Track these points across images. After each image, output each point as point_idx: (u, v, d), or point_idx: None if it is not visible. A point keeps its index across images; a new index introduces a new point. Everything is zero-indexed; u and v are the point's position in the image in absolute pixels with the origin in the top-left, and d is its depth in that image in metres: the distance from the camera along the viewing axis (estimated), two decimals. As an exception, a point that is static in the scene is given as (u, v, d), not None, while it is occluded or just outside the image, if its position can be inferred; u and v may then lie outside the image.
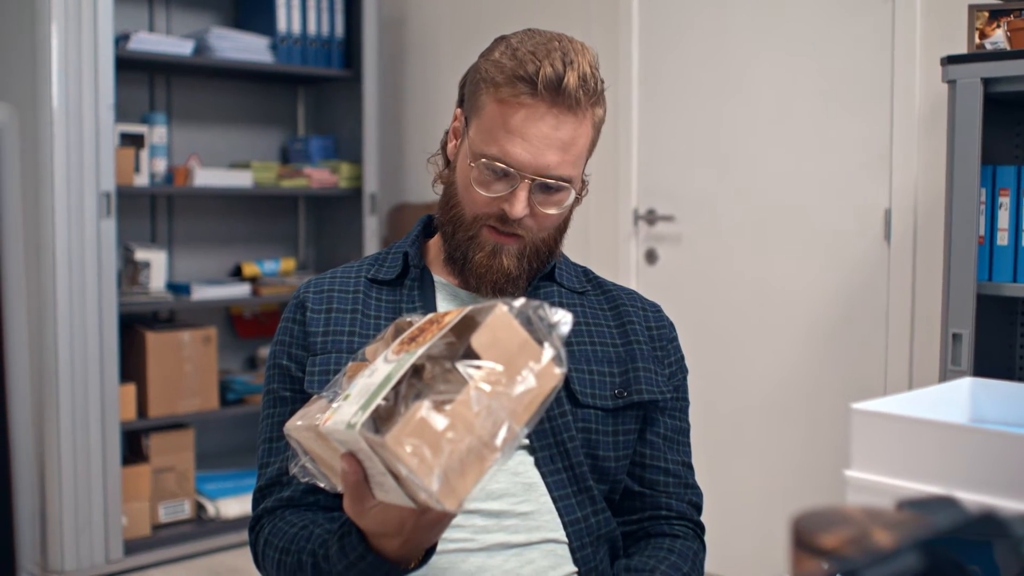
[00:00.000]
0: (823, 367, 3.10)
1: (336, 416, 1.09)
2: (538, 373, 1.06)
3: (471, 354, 1.06)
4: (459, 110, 1.46)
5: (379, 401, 1.06)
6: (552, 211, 1.40)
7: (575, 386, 1.41)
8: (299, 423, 1.14)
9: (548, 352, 1.06)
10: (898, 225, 2.92)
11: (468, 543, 1.34)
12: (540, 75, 1.32)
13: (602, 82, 1.41)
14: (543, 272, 1.50)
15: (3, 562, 0.66)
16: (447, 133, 1.51)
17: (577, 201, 1.47)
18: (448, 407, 1.03)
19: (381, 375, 1.10)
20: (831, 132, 3.08)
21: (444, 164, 1.51)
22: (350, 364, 1.18)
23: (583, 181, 1.50)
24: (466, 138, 1.42)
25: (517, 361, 1.06)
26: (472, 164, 1.38)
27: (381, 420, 1.05)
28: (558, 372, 1.06)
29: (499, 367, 1.05)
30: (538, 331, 1.07)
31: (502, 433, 1.04)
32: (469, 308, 1.10)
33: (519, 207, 1.37)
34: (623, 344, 1.48)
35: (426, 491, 1.02)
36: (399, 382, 1.07)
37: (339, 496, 1.41)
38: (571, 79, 1.33)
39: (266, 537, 1.37)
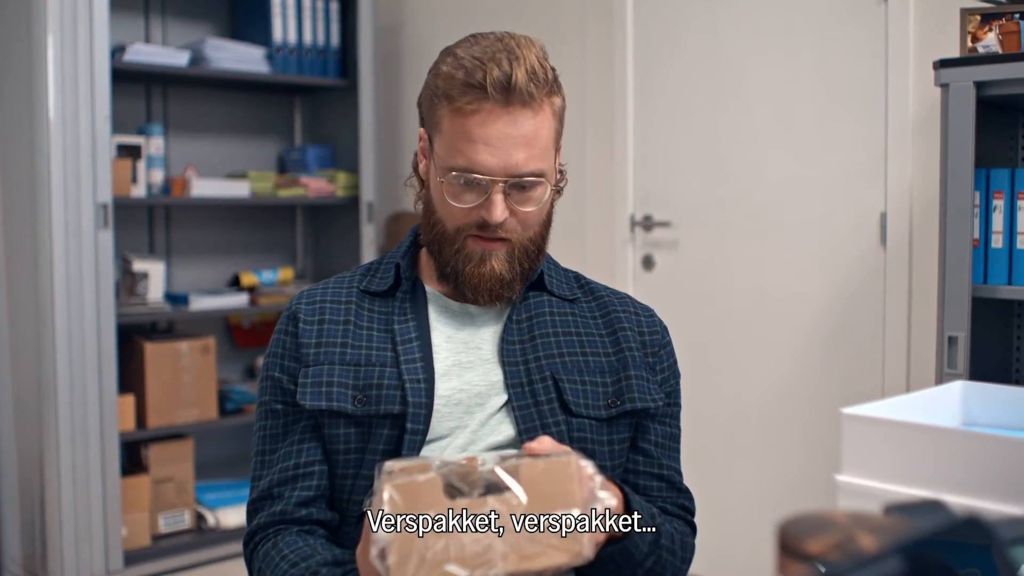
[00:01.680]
0: (820, 371, 3.11)
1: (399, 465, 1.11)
2: (557, 535, 1.05)
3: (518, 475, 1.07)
4: (422, 129, 1.47)
5: (434, 466, 1.08)
6: (531, 208, 1.40)
7: (568, 397, 1.41)
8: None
9: (580, 521, 1.05)
10: (894, 229, 2.93)
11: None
12: (488, 79, 1.33)
13: (553, 70, 1.41)
14: (532, 279, 1.50)
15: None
16: (416, 155, 1.52)
17: (557, 193, 1.48)
18: (461, 500, 1.04)
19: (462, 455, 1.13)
20: (826, 137, 3.09)
21: (420, 185, 1.52)
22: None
23: (560, 172, 1.50)
24: (432, 155, 1.43)
25: (548, 514, 1.05)
26: (442, 180, 1.39)
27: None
28: (582, 560, 1.05)
29: (523, 500, 1.05)
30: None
31: (479, 570, 1.04)
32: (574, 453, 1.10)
33: (497, 212, 1.37)
34: (615, 352, 1.48)
35: (375, 538, 1.03)
36: (452, 462, 1.09)
37: (332, 510, 1.42)
38: (519, 75, 1.34)
39: (259, 565, 1.37)
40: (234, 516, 3.73)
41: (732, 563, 3.26)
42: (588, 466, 1.10)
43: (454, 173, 1.37)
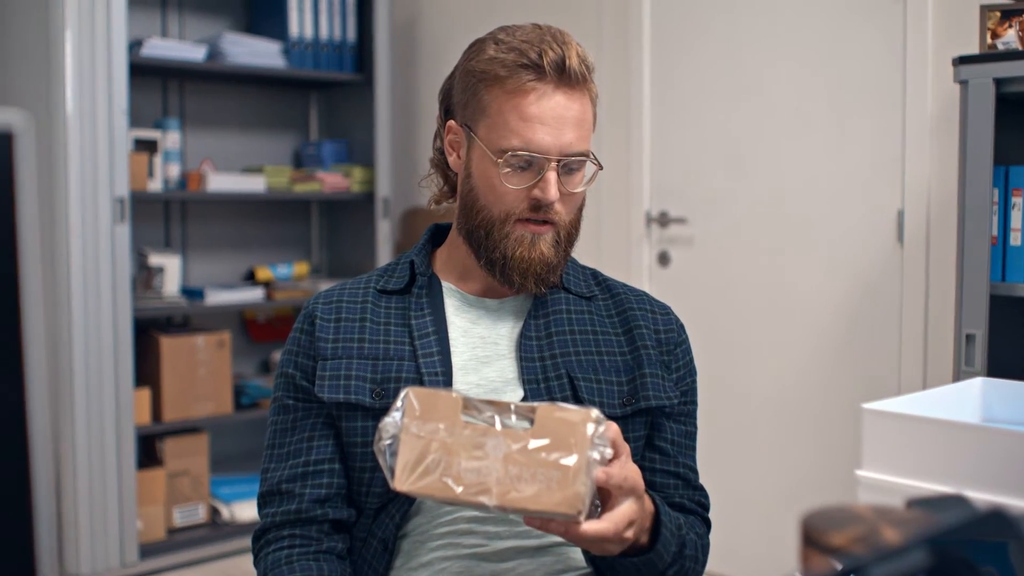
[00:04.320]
0: (836, 368, 3.10)
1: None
2: (554, 480, 1.06)
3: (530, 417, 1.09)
4: (452, 122, 1.47)
5: (468, 395, 1.13)
6: (578, 189, 1.42)
7: (583, 395, 1.41)
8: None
9: (580, 481, 1.06)
10: (911, 226, 2.92)
11: (481, 548, 1.35)
12: (545, 59, 1.36)
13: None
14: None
15: (23, 569, 0.67)
16: (438, 151, 1.52)
17: (592, 177, 1.49)
18: (473, 425, 1.07)
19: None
20: (843, 134, 3.08)
21: (443, 181, 1.52)
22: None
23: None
24: (475, 143, 1.42)
25: (548, 456, 1.07)
26: (499, 160, 1.38)
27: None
28: (573, 511, 1.07)
29: (529, 438, 1.08)
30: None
31: (471, 489, 1.08)
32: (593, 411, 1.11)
33: (552, 190, 1.38)
34: (630, 351, 1.47)
35: (384, 426, 1.12)
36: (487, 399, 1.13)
37: (348, 507, 1.42)
38: (572, 57, 1.37)
39: (266, 570, 1.37)
40: (249, 510, 3.74)
41: (749, 559, 3.25)
42: (604, 424, 1.10)
43: (509, 154, 1.38)
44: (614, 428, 1.14)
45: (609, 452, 1.10)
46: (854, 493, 1.00)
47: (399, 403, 1.13)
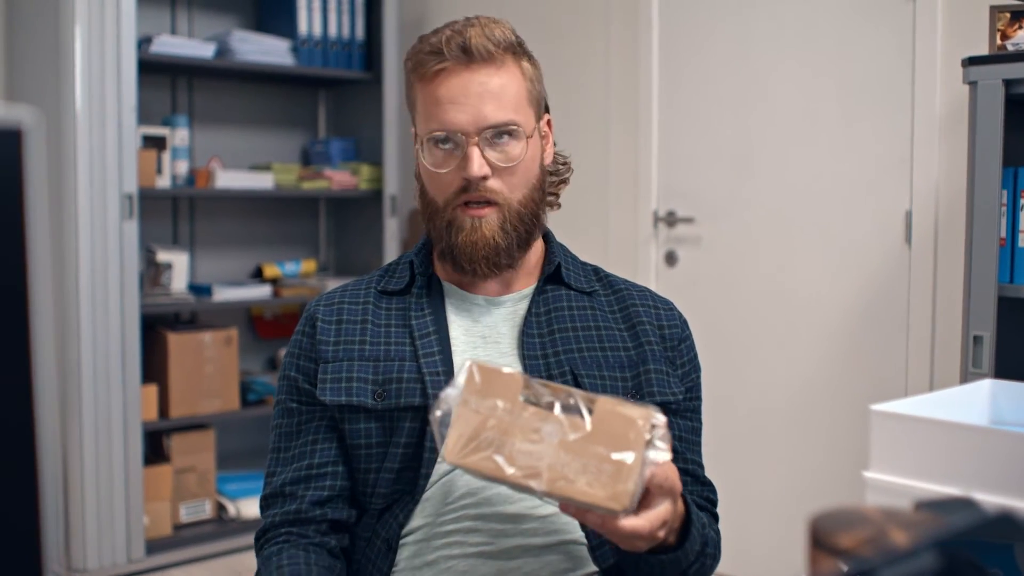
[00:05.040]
0: (843, 369, 3.10)
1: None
2: (606, 475, 1.06)
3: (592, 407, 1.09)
4: (413, 128, 1.50)
5: (528, 377, 1.13)
6: (511, 163, 1.41)
7: (587, 392, 1.41)
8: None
9: (633, 480, 1.06)
10: (919, 227, 2.91)
11: (487, 546, 1.35)
12: (446, 44, 1.38)
13: (518, 38, 1.45)
14: (549, 271, 1.50)
15: (29, 564, 0.68)
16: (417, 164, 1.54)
17: (563, 182, 1.48)
18: (532, 407, 1.07)
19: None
20: (852, 134, 3.07)
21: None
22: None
23: (565, 162, 1.55)
24: (417, 138, 1.46)
25: (605, 449, 1.07)
26: (420, 149, 1.42)
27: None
28: (619, 508, 1.06)
29: (587, 427, 1.07)
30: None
31: (522, 471, 1.07)
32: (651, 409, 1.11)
33: (475, 166, 1.38)
34: (634, 347, 1.47)
35: (443, 397, 1.12)
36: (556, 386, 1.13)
37: (349, 507, 1.42)
38: (472, 35, 1.39)
39: (260, 566, 1.38)
40: (255, 507, 3.74)
41: (757, 560, 3.25)
42: (662, 422, 1.10)
43: (428, 138, 1.41)
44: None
45: (663, 456, 1.09)
46: (862, 495, 0.99)
47: (461, 375, 1.13)
